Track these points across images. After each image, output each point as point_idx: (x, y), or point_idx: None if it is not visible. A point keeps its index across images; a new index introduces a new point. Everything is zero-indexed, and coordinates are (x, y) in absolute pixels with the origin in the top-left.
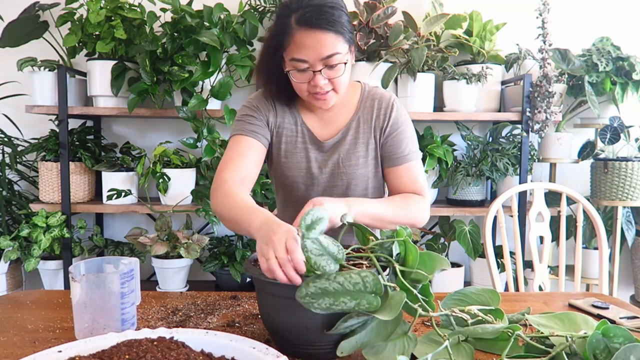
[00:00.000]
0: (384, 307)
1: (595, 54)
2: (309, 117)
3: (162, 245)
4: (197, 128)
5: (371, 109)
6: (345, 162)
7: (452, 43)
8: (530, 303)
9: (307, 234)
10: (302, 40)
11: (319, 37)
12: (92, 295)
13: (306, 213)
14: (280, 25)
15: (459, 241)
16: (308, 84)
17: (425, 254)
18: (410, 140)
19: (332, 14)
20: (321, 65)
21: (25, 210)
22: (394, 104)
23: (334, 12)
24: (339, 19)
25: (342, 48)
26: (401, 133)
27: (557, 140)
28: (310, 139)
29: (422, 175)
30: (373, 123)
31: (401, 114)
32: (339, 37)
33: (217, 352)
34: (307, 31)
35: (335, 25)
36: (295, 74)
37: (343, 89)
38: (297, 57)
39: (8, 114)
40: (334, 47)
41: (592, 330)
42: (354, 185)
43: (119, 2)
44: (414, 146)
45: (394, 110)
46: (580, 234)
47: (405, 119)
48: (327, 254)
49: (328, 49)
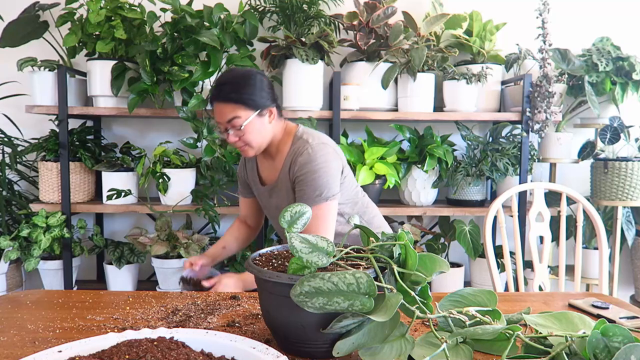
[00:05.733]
0: (380, 309)
1: (595, 54)
2: (262, 163)
3: (162, 245)
4: (197, 128)
5: (290, 158)
6: (282, 205)
7: (452, 43)
8: (530, 303)
9: (290, 229)
10: (214, 109)
11: (219, 107)
12: None
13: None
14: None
15: (459, 241)
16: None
17: (425, 255)
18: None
19: (231, 89)
20: (227, 126)
21: (25, 210)
22: (303, 152)
23: (232, 86)
24: (236, 92)
25: (243, 113)
26: (305, 179)
27: (557, 140)
28: (262, 185)
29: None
30: (289, 168)
31: (309, 162)
32: (237, 105)
33: (217, 352)
34: (215, 103)
35: (231, 97)
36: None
37: (255, 143)
38: (215, 121)
39: (8, 114)
40: (232, 113)
41: (590, 330)
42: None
43: (119, 2)
44: (318, 192)
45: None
46: (580, 234)
47: (313, 166)
48: (317, 250)
49: (227, 115)
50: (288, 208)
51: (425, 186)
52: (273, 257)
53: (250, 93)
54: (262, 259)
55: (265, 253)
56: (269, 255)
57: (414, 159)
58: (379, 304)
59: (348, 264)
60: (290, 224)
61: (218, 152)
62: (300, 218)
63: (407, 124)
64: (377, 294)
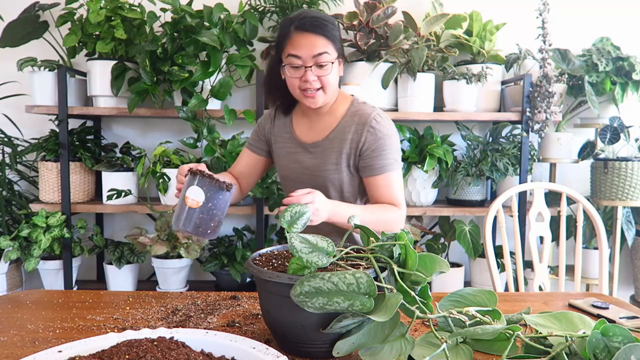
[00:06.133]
0: (380, 309)
1: (595, 54)
2: (299, 122)
3: (162, 245)
4: (197, 128)
5: (351, 123)
6: (323, 166)
7: (452, 43)
8: (530, 303)
9: (290, 229)
10: (298, 40)
11: (311, 39)
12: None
13: (284, 210)
14: (283, 30)
15: (459, 241)
16: (300, 80)
17: (425, 255)
18: (389, 152)
19: (325, 25)
20: (312, 62)
21: (25, 210)
22: (372, 122)
23: (326, 23)
24: (331, 30)
25: (331, 51)
26: (379, 147)
27: (557, 140)
28: (295, 142)
29: (398, 186)
30: (350, 136)
31: (380, 130)
32: (329, 42)
33: (217, 352)
34: (303, 33)
35: (326, 32)
36: (289, 69)
37: (330, 89)
38: (292, 52)
39: (8, 114)
40: (323, 48)
41: (589, 330)
42: (330, 189)
43: (119, 2)
44: (391, 158)
45: (371, 127)
46: (580, 234)
47: (384, 133)
48: (317, 250)
49: (318, 48)
50: (288, 208)
51: (425, 186)
52: (273, 257)
53: (339, 35)
54: (262, 259)
55: (265, 253)
56: (269, 255)
57: (414, 159)
58: (379, 304)
59: (348, 264)
60: (290, 224)
61: (218, 152)
62: (300, 218)
63: (407, 124)
64: (377, 294)
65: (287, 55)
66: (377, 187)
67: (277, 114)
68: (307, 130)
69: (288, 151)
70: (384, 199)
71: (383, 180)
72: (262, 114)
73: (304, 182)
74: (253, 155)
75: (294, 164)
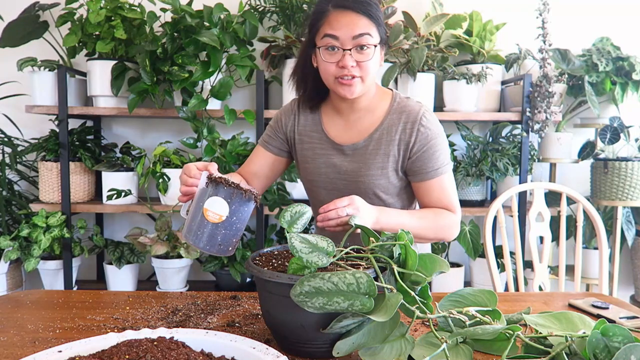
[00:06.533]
0: (380, 309)
1: (595, 54)
2: (331, 121)
3: (162, 245)
4: (197, 128)
5: (398, 122)
6: (365, 170)
7: (452, 43)
8: (530, 303)
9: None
10: (337, 18)
11: (352, 17)
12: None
13: (284, 210)
14: (318, 8)
15: (459, 241)
16: (336, 66)
17: (426, 255)
18: (441, 153)
19: (369, 3)
20: (351, 44)
21: (25, 210)
22: (422, 119)
23: (370, 1)
24: (374, 10)
25: (374, 33)
26: (431, 148)
27: (557, 140)
28: (330, 144)
29: (452, 189)
30: (398, 136)
31: (431, 129)
32: (372, 23)
33: (217, 352)
34: (342, 11)
35: (369, 11)
36: (325, 54)
37: (369, 78)
38: (329, 32)
39: (8, 114)
40: (365, 28)
41: (589, 330)
42: (371, 194)
43: (119, 2)
44: (444, 159)
45: (422, 126)
46: (580, 234)
47: (436, 132)
48: (317, 250)
49: (360, 28)
50: (288, 208)
51: None
52: (273, 257)
53: (382, 18)
54: (262, 259)
55: (265, 253)
56: (269, 255)
57: None
58: (379, 304)
59: (348, 264)
60: (290, 224)
61: (218, 152)
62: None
63: None
64: (377, 294)
65: (323, 36)
66: (429, 192)
67: (302, 109)
68: (343, 130)
69: (319, 153)
70: (438, 203)
71: (436, 184)
72: (262, 114)
73: (339, 189)
74: (269, 155)
75: (327, 168)
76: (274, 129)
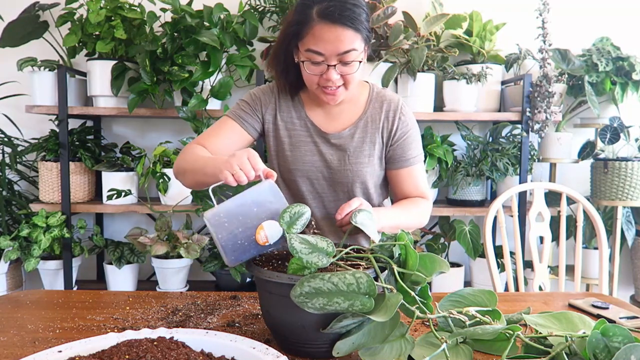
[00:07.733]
0: (380, 309)
1: (595, 54)
2: (314, 110)
3: (162, 245)
4: (197, 128)
5: (379, 110)
6: (352, 159)
7: (452, 43)
8: (530, 303)
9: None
10: (321, 33)
11: (338, 33)
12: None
13: (283, 210)
14: (301, 14)
15: (459, 241)
16: (320, 77)
17: (426, 255)
18: (418, 142)
19: (354, 11)
20: (336, 60)
21: (25, 210)
22: (402, 108)
23: (355, 9)
24: (359, 17)
25: (359, 46)
26: (410, 136)
27: (557, 140)
28: (315, 132)
29: (424, 178)
30: (381, 124)
31: (410, 118)
32: (357, 34)
33: (217, 352)
34: (328, 25)
35: (356, 23)
36: (309, 65)
37: (353, 87)
38: (313, 48)
39: (8, 114)
40: (351, 44)
41: (589, 330)
42: (358, 183)
43: (119, 2)
44: (420, 149)
45: (403, 114)
46: (580, 234)
47: (413, 122)
48: (317, 251)
49: (346, 45)
50: (287, 209)
51: None
52: (273, 257)
53: (368, 22)
54: (262, 259)
55: (265, 253)
56: (269, 255)
57: None
58: (379, 304)
59: (348, 264)
60: (290, 224)
61: None
62: (299, 218)
63: None
64: (377, 294)
65: (307, 49)
66: (407, 179)
67: (282, 95)
68: (325, 118)
69: (303, 141)
70: (412, 192)
71: (413, 172)
72: None
73: (325, 179)
74: (242, 132)
75: (312, 156)
76: (251, 106)
